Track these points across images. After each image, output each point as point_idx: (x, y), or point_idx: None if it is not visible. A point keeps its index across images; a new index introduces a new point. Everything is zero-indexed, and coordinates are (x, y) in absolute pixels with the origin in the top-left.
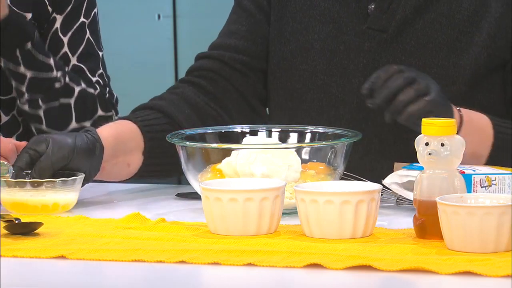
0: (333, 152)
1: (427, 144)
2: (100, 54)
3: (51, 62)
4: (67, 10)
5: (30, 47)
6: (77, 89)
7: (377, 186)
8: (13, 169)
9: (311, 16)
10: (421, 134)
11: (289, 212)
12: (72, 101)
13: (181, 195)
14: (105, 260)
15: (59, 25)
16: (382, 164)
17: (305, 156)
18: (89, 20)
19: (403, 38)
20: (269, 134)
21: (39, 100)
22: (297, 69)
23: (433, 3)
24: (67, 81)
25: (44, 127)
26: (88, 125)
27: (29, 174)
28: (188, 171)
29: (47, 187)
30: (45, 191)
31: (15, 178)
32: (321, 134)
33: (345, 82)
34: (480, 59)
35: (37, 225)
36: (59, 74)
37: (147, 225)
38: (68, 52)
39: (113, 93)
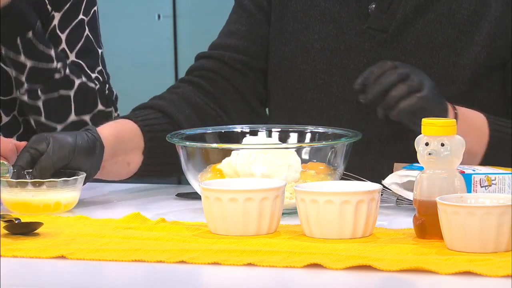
0: (333, 152)
1: (427, 144)
2: (99, 51)
3: (52, 53)
4: (65, 7)
5: (31, 36)
6: (77, 82)
7: (377, 186)
8: (14, 168)
9: (312, 16)
10: (421, 134)
11: (289, 212)
12: (71, 93)
13: (181, 195)
14: (105, 260)
15: (57, 22)
16: (382, 164)
17: (305, 156)
18: (89, 17)
19: (403, 37)
20: (269, 134)
21: (39, 90)
22: (297, 69)
23: (433, 3)
24: (67, 73)
25: (43, 119)
26: (87, 118)
27: (30, 173)
28: (188, 171)
29: (48, 187)
30: (47, 191)
31: (16, 177)
32: (321, 134)
33: (345, 81)
34: (480, 58)
35: (37, 225)
36: (59, 65)
37: (147, 225)
38: (66, 48)
39: (113, 90)
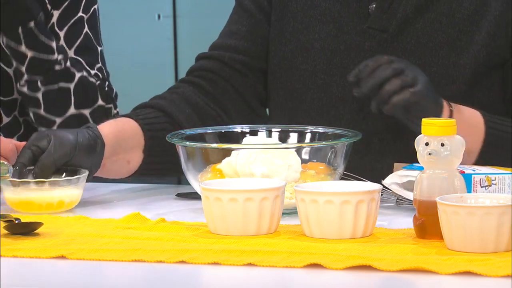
0: (333, 152)
1: (427, 144)
2: (99, 49)
3: (53, 44)
4: (64, 5)
5: (32, 26)
6: (77, 75)
7: (377, 186)
8: (16, 166)
9: (312, 16)
10: (421, 133)
11: (289, 212)
12: (72, 86)
13: (181, 195)
14: (105, 260)
15: (55, 20)
16: (382, 164)
17: (305, 156)
18: (88, 15)
19: (403, 37)
20: (269, 134)
21: (38, 82)
22: (298, 69)
23: (434, 3)
24: (68, 65)
25: (42, 111)
26: (87, 113)
27: (31, 170)
28: (188, 171)
29: (51, 185)
30: (50, 189)
31: (18, 174)
32: (321, 134)
33: (345, 81)
34: (479, 57)
35: (37, 225)
36: (60, 57)
37: (147, 225)
38: (64, 45)
39: (113, 87)
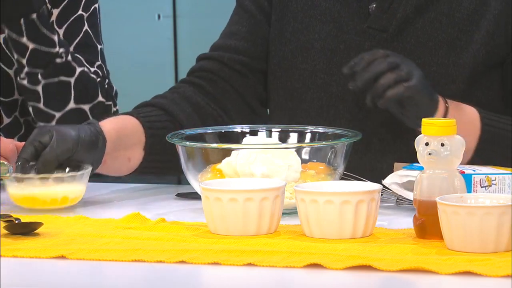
0: (333, 152)
1: (427, 144)
2: (99, 47)
3: (55, 38)
4: (64, 3)
5: (35, 18)
6: (78, 69)
7: (377, 186)
8: (18, 161)
9: (312, 16)
10: (421, 134)
11: (289, 212)
12: (72, 80)
13: (181, 195)
14: (105, 260)
15: (55, 18)
16: (382, 163)
17: (305, 156)
18: (88, 13)
19: (403, 37)
20: (269, 134)
21: (39, 75)
22: (297, 69)
23: (434, 3)
24: (69, 59)
25: (41, 105)
26: (86, 108)
27: (34, 166)
28: (188, 171)
29: (56, 181)
30: (54, 185)
31: (20, 169)
32: (321, 134)
33: (345, 81)
34: (478, 57)
35: (37, 225)
36: (61, 50)
37: (147, 225)
38: None
39: (113, 85)
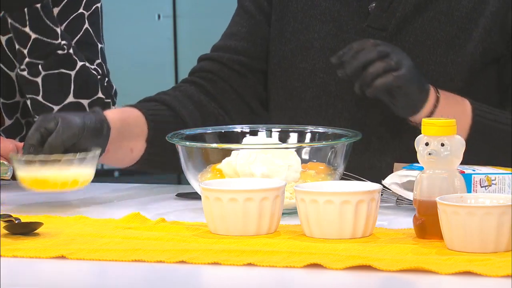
0: (333, 152)
1: (427, 144)
2: (99, 45)
3: (58, 30)
4: (64, 2)
5: (39, 8)
6: (79, 63)
7: (377, 186)
8: (24, 147)
9: (312, 15)
10: (421, 134)
11: (289, 212)
12: (72, 74)
13: (181, 195)
14: (105, 260)
15: (55, 16)
16: (381, 162)
17: (305, 156)
18: (89, 12)
19: (402, 36)
20: (269, 134)
21: (39, 66)
22: (297, 68)
23: (433, 1)
24: (71, 52)
25: (40, 98)
26: (85, 103)
27: (40, 152)
28: (188, 171)
29: (66, 164)
30: (65, 167)
31: (22, 158)
32: (321, 134)
33: (344, 80)
34: (476, 54)
35: (37, 225)
36: (64, 42)
37: (147, 225)
38: None
39: (112, 84)
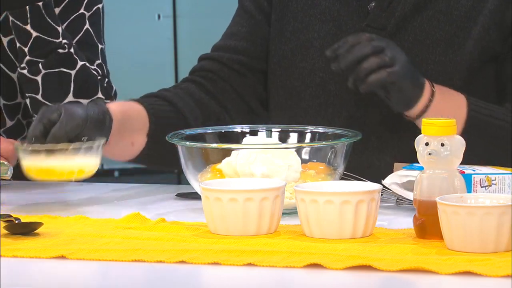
0: (333, 152)
1: (427, 144)
2: (99, 46)
3: (59, 28)
4: (65, 2)
5: (40, 6)
6: (80, 63)
7: (377, 186)
8: (28, 138)
9: (312, 15)
10: (421, 134)
11: (289, 212)
12: (73, 73)
13: (181, 195)
14: (105, 260)
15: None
16: (380, 161)
17: (305, 156)
18: (90, 13)
19: (401, 35)
20: (269, 134)
21: (40, 64)
22: (297, 67)
23: (432, 1)
24: (71, 51)
25: (39, 97)
26: (85, 103)
27: (43, 143)
28: (188, 171)
29: (73, 153)
30: (71, 157)
31: (28, 148)
32: (321, 134)
33: (343, 79)
34: (474, 53)
35: (37, 225)
36: (65, 41)
37: (147, 225)
38: None
39: (112, 85)
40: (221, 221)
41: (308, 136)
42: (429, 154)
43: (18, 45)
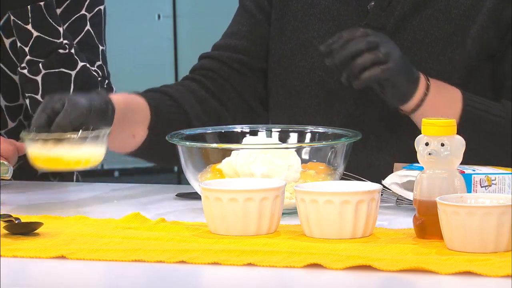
0: (333, 152)
1: (427, 144)
2: (100, 47)
3: (60, 29)
4: (66, 3)
5: (42, 6)
6: (80, 64)
7: (377, 186)
8: (32, 129)
9: (312, 14)
10: (421, 134)
11: (289, 212)
12: (73, 74)
13: (181, 195)
14: (105, 260)
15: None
16: (379, 159)
17: (305, 156)
18: (92, 14)
19: (400, 34)
20: (269, 134)
21: (40, 64)
22: (296, 66)
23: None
24: (72, 52)
25: (39, 97)
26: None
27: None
28: (188, 171)
29: (80, 142)
30: (79, 146)
31: (36, 137)
32: (321, 134)
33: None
34: (472, 51)
35: (37, 225)
36: (65, 41)
37: (147, 225)
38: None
39: (112, 87)
40: (221, 221)
41: (308, 136)
42: (429, 154)
43: (19, 44)
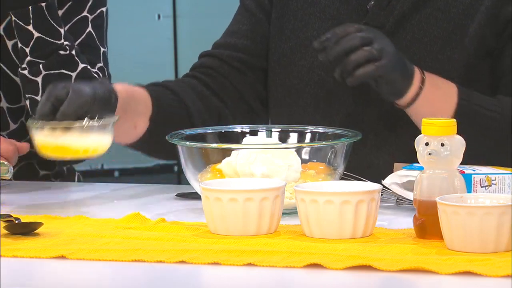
0: (333, 152)
1: (427, 144)
2: (101, 49)
3: (61, 30)
4: (68, 5)
5: (43, 7)
6: (81, 65)
7: (377, 186)
8: (37, 117)
9: (312, 13)
10: (421, 134)
11: (289, 212)
12: (73, 75)
13: (181, 195)
14: (105, 260)
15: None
16: (378, 159)
17: (305, 156)
18: (93, 16)
19: (399, 33)
20: (269, 134)
21: (40, 65)
22: (296, 65)
23: None
24: (73, 53)
25: (39, 98)
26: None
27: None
28: (188, 171)
29: (87, 130)
30: (87, 134)
31: (43, 125)
32: (321, 134)
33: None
34: (471, 49)
35: (37, 225)
36: (66, 43)
37: (147, 225)
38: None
39: None
40: (221, 221)
41: (308, 136)
42: (429, 154)
43: (19, 45)
